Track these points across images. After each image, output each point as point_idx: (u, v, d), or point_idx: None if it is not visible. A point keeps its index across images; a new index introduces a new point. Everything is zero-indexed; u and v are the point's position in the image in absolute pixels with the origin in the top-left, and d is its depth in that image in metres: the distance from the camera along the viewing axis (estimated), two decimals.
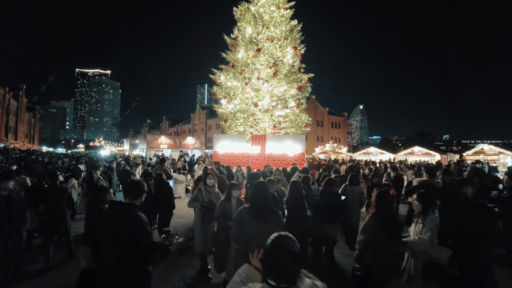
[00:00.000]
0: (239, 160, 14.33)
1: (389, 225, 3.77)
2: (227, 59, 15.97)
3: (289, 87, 14.85)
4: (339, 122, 64.01)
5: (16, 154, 31.66)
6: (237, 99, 15.22)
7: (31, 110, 76.79)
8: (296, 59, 15.55)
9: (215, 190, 5.57)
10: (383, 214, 3.81)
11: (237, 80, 15.28)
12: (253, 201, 3.62)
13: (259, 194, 3.60)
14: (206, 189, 5.42)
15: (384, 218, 3.77)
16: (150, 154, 27.68)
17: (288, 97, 14.85)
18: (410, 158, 29.95)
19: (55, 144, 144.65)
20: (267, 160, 14.11)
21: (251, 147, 14.29)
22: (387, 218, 3.82)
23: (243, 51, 15.49)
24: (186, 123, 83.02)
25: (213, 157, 14.98)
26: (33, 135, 77.91)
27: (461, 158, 30.57)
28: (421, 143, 61.72)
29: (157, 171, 7.99)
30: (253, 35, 15.45)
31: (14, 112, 56.37)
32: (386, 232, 3.68)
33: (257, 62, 15.05)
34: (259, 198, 3.58)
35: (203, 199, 5.26)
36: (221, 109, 15.79)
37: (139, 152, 33.07)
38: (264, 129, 15.16)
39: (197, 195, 5.31)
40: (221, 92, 15.77)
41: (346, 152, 34.56)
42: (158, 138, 28.38)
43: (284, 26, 15.36)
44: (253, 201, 3.62)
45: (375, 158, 30.43)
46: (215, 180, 5.64)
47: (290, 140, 14.24)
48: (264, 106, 15.13)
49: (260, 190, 3.63)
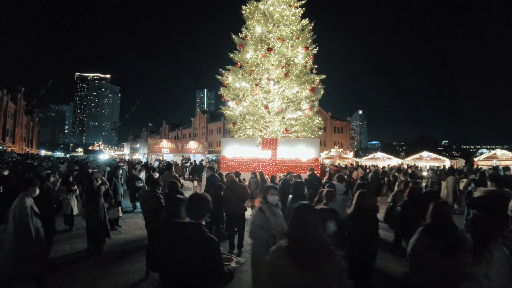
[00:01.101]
0: (248, 165, 13.47)
1: (445, 244, 2.90)
2: (235, 59, 15.18)
3: (302, 88, 14.05)
4: (342, 127, 63.30)
5: (13, 157, 30.74)
6: (246, 101, 14.40)
7: (30, 113, 75.76)
8: (308, 59, 14.78)
9: (279, 211, 4.09)
10: (438, 232, 2.98)
11: (246, 81, 14.48)
12: (294, 239, 2.20)
13: (304, 228, 2.15)
14: (271, 209, 3.94)
15: (438, 235, 2.95)
16: (152, 159, 26.77)
17: (301, 99, 14.04)
18: (419, 163, 29.14)
19: (54, 148, 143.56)
20: (279, 166, 13.26)
21: (262, 152, 13.43)
22: (442, 236, 2.95)
23: (252, 51, 14.72)
24: (187, 127, 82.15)
25: (221, 162, 14.10)
26: (31, 138, 76.78)
27: (470, 164, 29.79)
28: (424, 148, 60.98)
29: (168, 178, 7.15)
30: (263, 34, 14.69)
31: (12, 115, 55.38)
32: (440, 252, 2.85)
33: (267, 62, 14.27)
34: (305, 234, 2.14)
35: (271, 226, 3.78)
36: (229, 112, 14.97)
37: (140, 156, 32.16)
38: (275, 132, 14.32)
39: (262, 220, 3.85)
40: (229, 94, 14.96)
41: (352, 157, 33.74)
42: (159, 142, 27.48)
43: (295, 25, 14.62)
44: (295, 239, 2.19)
45: (382, 163, 29.60)
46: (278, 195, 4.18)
47: (303, 144, 13.39)
48: (275, 108, 14.33)
49: (306, 221, 2.17)
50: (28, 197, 4.38)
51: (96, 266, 5.84)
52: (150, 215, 5.37)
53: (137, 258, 6.14)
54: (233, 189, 6.38)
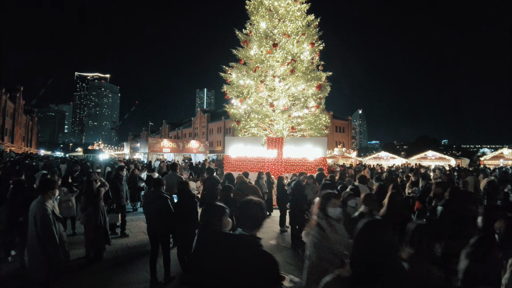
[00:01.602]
0: (253, 165, 13.02)
1: None
2: (238, 56, 14.73)
3: (308, 85, 13.60)
4: (343, 126, 62.83)
5: (11, 157, 30.25)
6: (251, 98, 13.95)
7: (29, 112, 75.23)
8: (314, 56, 14.33)
9: (342, 227, 3.32)
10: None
11: (250, 78, 14.02)
12: (364, 266, 1.55)
13: (378, 252, 1.55)
14: (332, 224, 3.22)
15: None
16: (152, 159, 26.31)
17: (307, 96, 13.59)
18: (423, 162, 28.71)
19: (53, 148, 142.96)
20: (285, 166, 12.82)
21: (267, 151, 12.98)
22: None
23: (256, 47, 14.27)
24: (187, 127, 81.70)
25: (225, 162, 13.65)
26: (30, 138, 76.25)
27: (476, 163, 29.35)
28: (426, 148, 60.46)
29: (173, 179, 6.71)
30: (268, 30, 14.24)
31: (11, 114, 54.83)
32: None
33: (272, 58, 13.82)
34: (381, 259, 1.53)
35: (331, 245, 3.09)
36: (232, 110, 14.52)
37: (140, 156, 31.69)
38: (281, 131, 13.87)
39: (321, 238, 3.13)
40: (232, 91, 14.52)
41: (355, 156, 33.29)
42: (160, 142, 27.01)
43: (300, 20, 14.18)
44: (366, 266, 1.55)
45: (387, 163, 29.19)
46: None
47: (310, 144, 12.93)
48: (280, 106, 13.89)
49: (381, 241, 1.58)
50: (48, 200, 4.03)
51: (96, 274, 5.38)
52: (156, 217, 4.93)
53: (141, 266, 5.67)
54: (244, 191, 5.91)
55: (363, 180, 6.43)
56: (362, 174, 7.02)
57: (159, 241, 5.10)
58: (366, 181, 6.44)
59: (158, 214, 4.88)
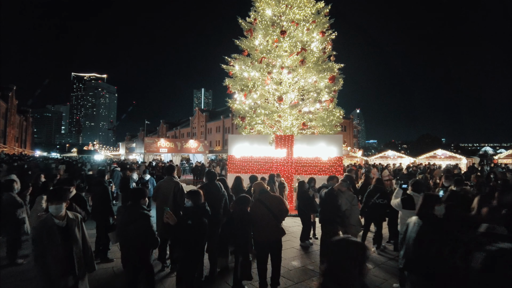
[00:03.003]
0: (260, 166, 11.68)
1: None
2: (242, 46, 13.38)
3: (320, 77, 12.26)
4: (345, 125, 61.54)
5: (2, 158, 28.81)
6: (257, 92, 12.60)
7: (23, 112, 73.50)
8: (326, 45, 13.00)
9: None
10: None
11: (256, 70, 12.67)
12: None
13: None
14: None
15: None
16: (149, 159, 24.92)
17: (320, 89, 12.24)
18: (433, 162, 27.49)
19: (50, 149, 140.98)
20: (296, 166, 11.48)
21: (275, 151, 11.64)
22: None
23: (262, 36, 12.93)
24: (185, 127, 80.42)
25: (228, 162, 12.28)
26: (24, 139, 74.46)
27: (489, 162, 28.09)
28: (429, 146, 59.23)
29: (170, 185, 5.33)
30: (274, 17, 12.90)
31: (3, 114, 53.12)
32: None
33: (280, 48, 12.49)
34: None
35: None
36: (236, 105, 13.15)
37: (136, 156, 30.29)
38: (290, 128, 12.52)
39: None
40: (235, 85, 13.14)
41: (361, 155, 31.99)
42: (157, 141, 25.61)
43: (309, 7, 12.85)
44: None
45: (394, 162, 27.94)
46: None
47: (323, 142, 11.56)
48: (288, 101, 12.55)
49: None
50: None
51: None
52: (137, 243, 3.57)
53: None
54: (265, 203, 4.41)
55: (418, 186, 5.06)
56: (417, 180, 5.58)
57: (139, 274, 3.74)
58: (422, 188, 5.07)
59: (140, 238, 3.53)
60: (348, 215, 5.36)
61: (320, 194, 5.40)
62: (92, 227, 6.26)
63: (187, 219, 3.66)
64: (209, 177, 5.34)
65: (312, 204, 6.74)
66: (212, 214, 4.26)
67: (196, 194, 3.92)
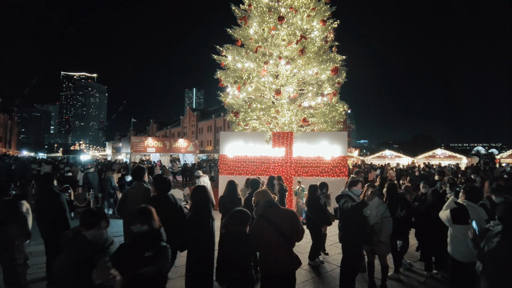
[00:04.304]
0: (256, 166, 10.46)
1: None
2: (235, 36, 12.16)
3: (321, 69, 11.10)
4: None
5: None
6: (252, 84, 11.39)
7: (8, 111, 71.20)
8: (327, 34, 11.86)
9: None
10: None
11: (250, 60, 11.46)
12: None
13: None
14: None
15: None
16: (136, 159, 23.50)
17: (322, 81, 11.09)
18: (432, 161, 26.69)
19: (38, 149, 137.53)
20: (295, 167, 10.29)
21: (272, 149, 10.44)
22: None
23: (257, 24, 11.75)
24: (175, 126, 78.88)
25: (220, 162, 11.03)
26: (9, 138, 72.16)
27: (488, 161, 27.40)
28: (424, 147, 58.83)
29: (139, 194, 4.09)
30: (271, 3, 11.71)
31: None
32: None
33: (277, 36, 11.32)
34: None
35: None
36: (228, 99, 11.92)
37: (122, 156, 28.80)
38: (288, 124, 11.34)
39: None
40: (228, 78, 11.92)
41: (357, 155, 31.04)
42: (144, 141, 24.10)
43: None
44: None
45: (392, 162, 27.07)
46: None
47: (326, 139, 10.38)
48: (285, 95, 11.38)
49: None
50: None
51: None
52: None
53: None
54: (272, 221, 3.09)
55: (474, 194, 3.82)
56: (472, 185, 4.29)
57: None
58: (479, 197, 3.86)
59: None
60: (377, 230, 4.18)
61: (343, 207, 3.95)
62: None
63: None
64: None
65: (325, 215, 5.46)
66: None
67: (148, 213, 2.60)
